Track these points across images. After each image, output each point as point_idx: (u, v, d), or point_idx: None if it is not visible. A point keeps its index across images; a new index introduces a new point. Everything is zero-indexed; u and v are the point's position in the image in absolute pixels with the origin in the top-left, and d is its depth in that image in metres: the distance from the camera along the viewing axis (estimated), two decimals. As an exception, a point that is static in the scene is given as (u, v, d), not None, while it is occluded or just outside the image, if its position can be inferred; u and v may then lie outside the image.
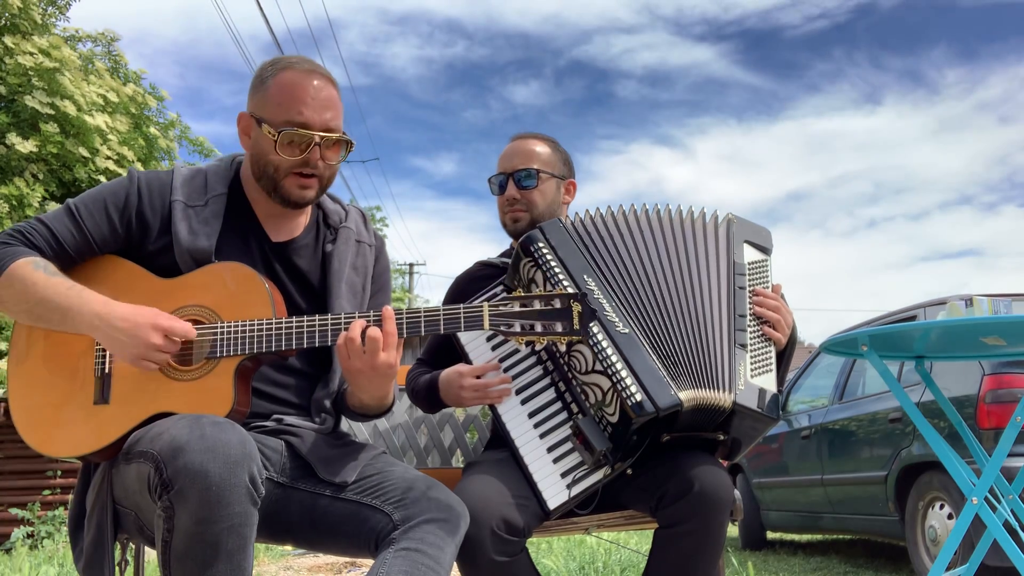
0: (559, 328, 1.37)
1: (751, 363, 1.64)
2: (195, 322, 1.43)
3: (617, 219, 1.77)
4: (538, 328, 1.37)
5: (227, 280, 1.45)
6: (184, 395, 1.39)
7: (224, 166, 1.60)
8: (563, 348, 1.68)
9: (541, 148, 1.96)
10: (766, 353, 1.69)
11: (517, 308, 1.38)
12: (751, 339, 1.67)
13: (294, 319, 1.41)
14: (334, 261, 1.61)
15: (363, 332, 1.37)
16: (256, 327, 1.40)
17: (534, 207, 1.92)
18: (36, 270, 1.39)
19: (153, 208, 1.49)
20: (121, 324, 1.35)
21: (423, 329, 1.40)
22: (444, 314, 1.39)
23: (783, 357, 1.74)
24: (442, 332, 1.40)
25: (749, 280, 1.74)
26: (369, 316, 1.40)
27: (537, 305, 1.38)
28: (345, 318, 1.41)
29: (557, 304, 1.37)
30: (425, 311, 1.41)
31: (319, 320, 1.41)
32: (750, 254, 1.79)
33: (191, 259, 1.47)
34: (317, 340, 1.41)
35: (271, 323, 1.40)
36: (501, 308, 1.38)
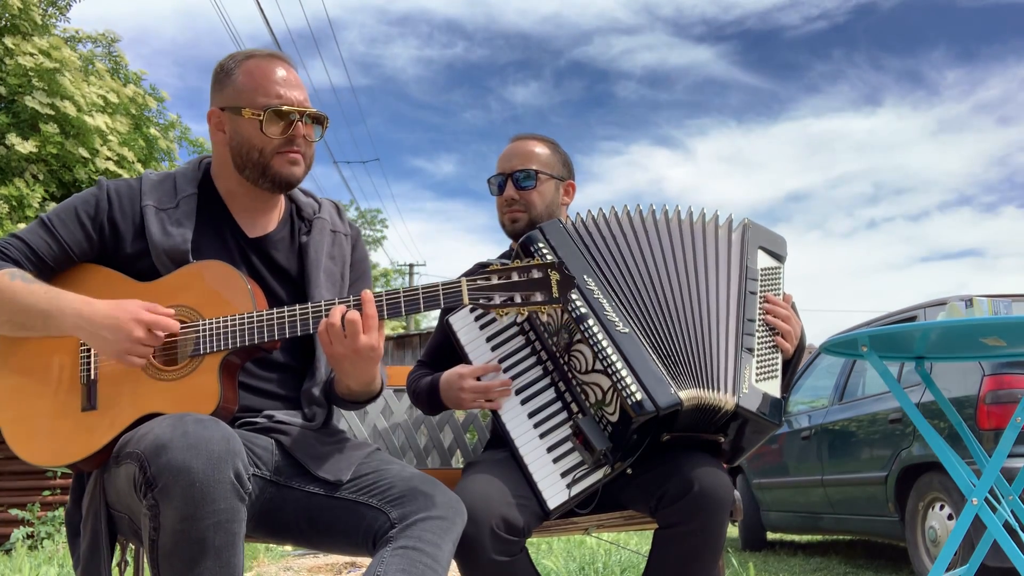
0: (539, 297, 1.37)
1: (757, 368, 1.64)
2: (177, 322, 1.44)
3: (621, 220, 1.77)
4: (518, 299, 1.37)
5: (207, 279, 1.46)
6: (170, 395, 1.39)
7: (191, 168, 1.61)
8: (562, 346, 1.68)
9: (540, 149, 1.97)
10: (773, 359, 1.69)
11: (496, 281, 1.38)
12: (758, 344, 1.67)
13: (275, 310, 1.42)
14: (311, 251, 1.62)
15: (343, 317, 1.38)
16: (237, 321, 1.41)
17: (532, 208, 1.92)
18: (13, 280, 1.41)
19: (124, 214, 1.51)
20: (104, 321, 1.36)
21: (403, 309, 1.41)
22: (424, 292, 1.40)
23: (790, 365, 1.74)
24: (422, 310, 1.40)
25: (761, 286, 1.74)
26: (349, 301, 1.41)
27: (515, 276, 1.38)
28: (326, 304, 1.42)
29: (535, 274, 1.38)
30: (404, 291, 1.41)
31: (299, 309, 1.42)
32: (764, 260, 1.79)
33: (168, 260, 1.48)
34: (299, 328, 1.41)
35: (252, 316, 1.41)
36: (480, 282, 1.38)
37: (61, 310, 1.38)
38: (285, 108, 1.50)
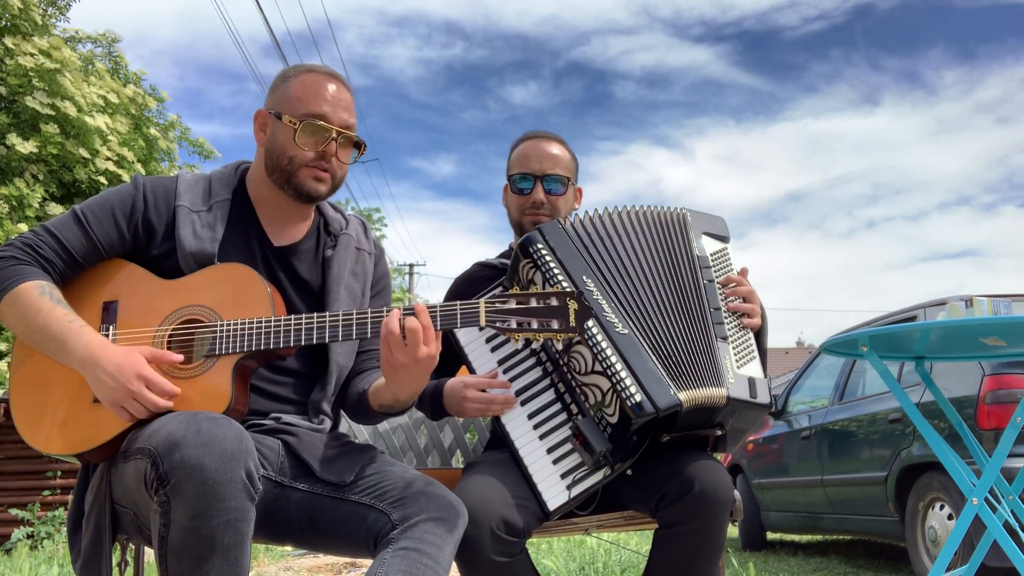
0: (555, 325, 1.37)
1: (735, 354, 1.65)
2: (195, 321, 1.45)
3: (614, 220, 1.77)
4: (534, 325, 1.37)
5: (228, 281, 1.47)
6: (182, 392, 1.40)
7: (228, 172, 1.63)
8: (561, 348, 1.68)
9: (564, 153, 1.97)
10: (747, 341, 1.70)
11: (514, 305, 1.39)
12: (730, 330, 1.68)
13: (292, 317, 1.43)
14: (334, 266, 1.63)
15: (402, 326, 1.37)
16: (255, 325, 1.42)
17: (557, 213, 1.92)
18: (41, 296, 1.41)
19: (159, 214, 1.52)
20: (109, 368, 1.36)
21: None
22: (441, 311, 1.40)
23: (761, 340, 1.75)
24: (439, 328, 1.40)
25: (715, 271, 1.76)
26: (367, 313, 1.41)
27: (534, 303, 1.38)
28: (344, 316, 1.42)
29: (553, 302, 1.38)
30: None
31: (316, 318, 1.42)
32: (711, 245, 1.80)
33: (194, 263, 1.49)
34: (315, 337, 1.42)
35: (269, 321, 1.42)
36: (498, 305, 1.39)
37: (76, 344, 1.38)
38: (322, 124, 1.52)
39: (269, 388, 1.55)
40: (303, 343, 1.42)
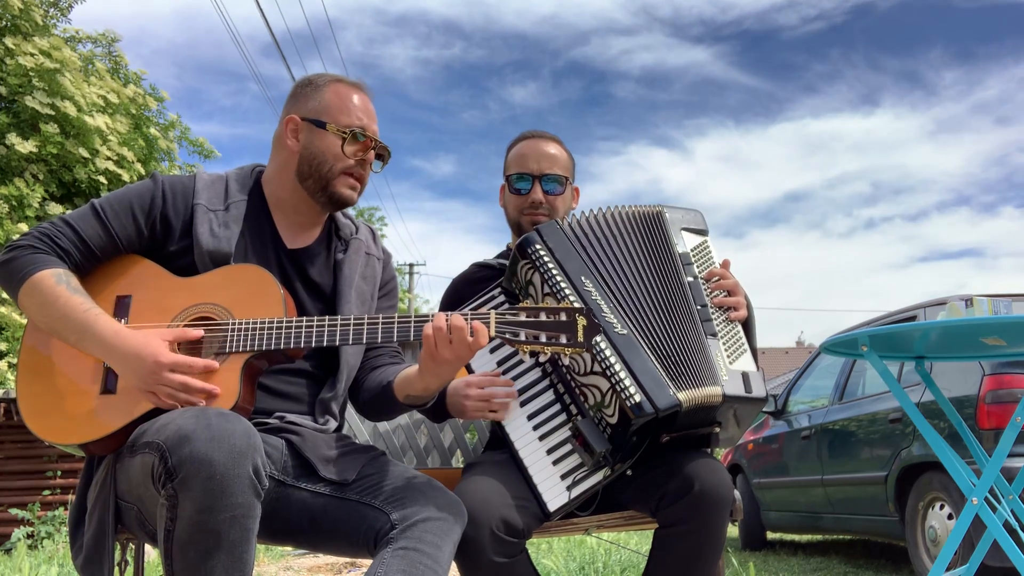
0: (563, 340, 1.39)
1: (726, 350, 1.65)
2: (207, 319, 1.46)
3: (607, 219, 1.77)
4: (543, 339, 1.39)
5: (242, 281, 1.49)
6: None
7: (244, 174, 1.65)
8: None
9: (562, 152, 1.98)
10: (737, 335, 1.69)
11: (523, 318, 1.41)
12: (718, 326, 1.68)
13: (303, 319, 1.44)
14: (345, 269, 1.66)
15: (448, 323, 1.40)
16: (266, 325, 1.43)
17: (556, 213, 1.92)
18: (58, 284, 1.42)
19: (176, 211, 1.54)
20: (128, 358, 1.38)
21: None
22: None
23: (749, 332, 1.75)
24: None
25: (697, 267, 1.75)
26: (393, 318, 1.44)
27: (543, 317, 1.40)
28: (355, 320, 1.44)
29: (563, 317, 1.40)
30: (432, 316, 1.44)
31: (328, 321, 1.44)
32: (691, 240, 1.80)
33: (210, 260, 1.51)
34: (325, 340, 1.43)
35: (280, 322, 1.43)
36: (508, 317, 1.41)
37: (92, 334, 1.40)
38: (367, 134, 1.59)
39: (277, 386, 1.56)
40: (313, 345, 1.44)
